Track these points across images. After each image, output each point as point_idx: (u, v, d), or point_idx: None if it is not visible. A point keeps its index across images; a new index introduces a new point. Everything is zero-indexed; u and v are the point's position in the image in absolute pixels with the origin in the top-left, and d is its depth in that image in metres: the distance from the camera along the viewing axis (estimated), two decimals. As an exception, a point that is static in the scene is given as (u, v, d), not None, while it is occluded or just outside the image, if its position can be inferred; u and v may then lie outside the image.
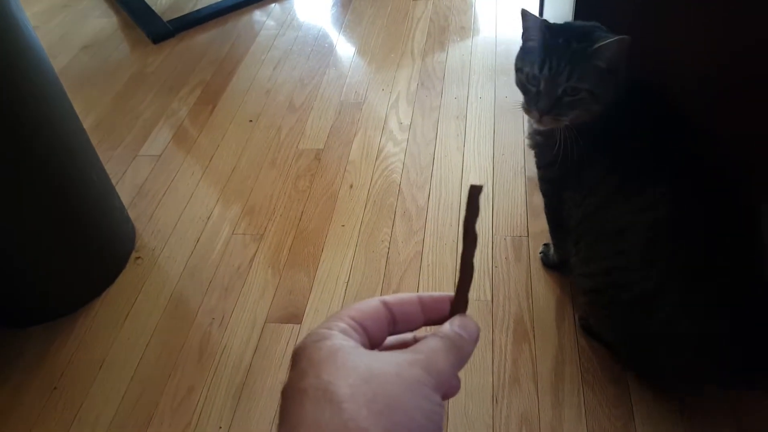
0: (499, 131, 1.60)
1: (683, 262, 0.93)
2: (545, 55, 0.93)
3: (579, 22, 0.99)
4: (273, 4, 2.26)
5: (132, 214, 1.49)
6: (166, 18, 2.19)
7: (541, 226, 1.34)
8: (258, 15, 2.22)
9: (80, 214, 1.28)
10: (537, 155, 1.14)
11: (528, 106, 0.99)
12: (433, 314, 0.37)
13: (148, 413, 1.13)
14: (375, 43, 2.00)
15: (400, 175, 1.53)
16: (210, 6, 2.24)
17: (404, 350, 0.33)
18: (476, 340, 0.35)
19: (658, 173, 0.94)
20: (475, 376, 1.12)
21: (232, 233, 1.43)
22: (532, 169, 1.48)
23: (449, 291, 0.37)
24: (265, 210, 1.48)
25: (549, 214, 1.20)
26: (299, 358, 0.32)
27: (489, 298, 1.23)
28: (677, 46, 1.08)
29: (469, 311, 0.37)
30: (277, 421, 1.07)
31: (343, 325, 0.34)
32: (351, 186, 1.52)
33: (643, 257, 0.95)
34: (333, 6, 2.22)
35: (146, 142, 1.71)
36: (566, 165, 1.03)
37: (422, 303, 0.37)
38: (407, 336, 0.38)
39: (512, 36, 1.88)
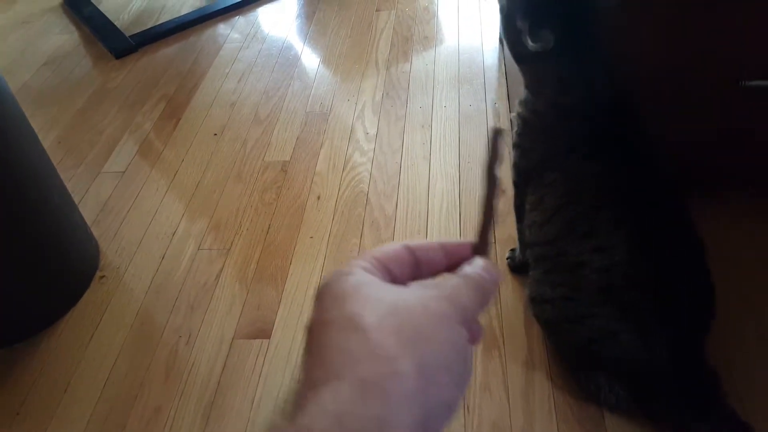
0: (464, 139, 1.61)
1: (638, 307, 0.94)
2: None
3: None
4: (237, 17, 2.25)
5: (96, 232, 1.46)
6: (128, 33, 2.17)
7: (507, 232, 1.35)
8: (222, 28, 2.20)
9: (40, 235, 1.25)
10: (514, 129, 1.11)
11: None
12: (456, 260, 0.36)
13: (115, 435, 1.10)
14: (339, 54, 2.00)
15: (368, 185, 1.53)
16: (173, 20, 2.22)
17: (427, 287, 0.32)
18: (497, 281, 0.35)
19: (618, 216, 0.94)
20: (446, 384, 1.11)
21: (198, 248, 1.42)
22: (498, 176, 1.49)
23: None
24: (232, 224, 1.47)
25: (516, 206, 1.18)
26: (323, 296, 0.32)
27: (458, 305, 1.23)
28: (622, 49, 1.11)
29: None
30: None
31: (366, 264, 0.33)
32: (318, 197, 1.51)
33: (597, 296, 0.96)
34: (297, 17, 2.22)
35: (109, 159, 1.69)
36: (534, 160, 1.03)
37: (445, 249, 0.36)
38: (429, 282, 0.37)
39: (475, 45, 1.90)
